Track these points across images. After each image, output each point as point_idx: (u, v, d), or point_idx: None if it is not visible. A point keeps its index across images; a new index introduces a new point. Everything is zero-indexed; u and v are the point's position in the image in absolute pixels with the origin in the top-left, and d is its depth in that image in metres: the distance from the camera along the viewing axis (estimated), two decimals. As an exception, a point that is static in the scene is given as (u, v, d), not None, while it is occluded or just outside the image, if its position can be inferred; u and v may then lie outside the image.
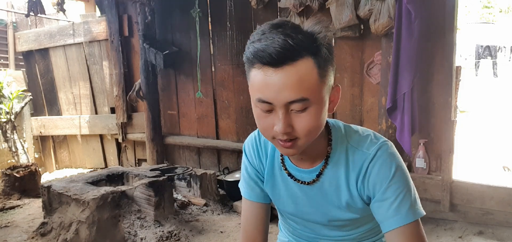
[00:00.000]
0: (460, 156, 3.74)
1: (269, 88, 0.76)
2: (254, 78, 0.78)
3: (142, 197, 2.76)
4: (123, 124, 4.34)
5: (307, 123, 0.78)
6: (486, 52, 12.05)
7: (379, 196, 0.86)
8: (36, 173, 3.77)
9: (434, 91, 2.73)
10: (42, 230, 2.62)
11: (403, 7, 2.48)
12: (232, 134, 3.79)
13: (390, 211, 0.84)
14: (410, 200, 0.85)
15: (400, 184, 0.85)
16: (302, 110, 0.77)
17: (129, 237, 2.57)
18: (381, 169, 0.85)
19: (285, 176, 0.98)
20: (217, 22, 3.65)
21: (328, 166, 0.92)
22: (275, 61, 0.74)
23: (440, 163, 2.78)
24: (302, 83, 0.75)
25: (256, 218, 1.05)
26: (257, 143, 1.04)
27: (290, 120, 0.78)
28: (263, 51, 0.74)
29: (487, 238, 2.53)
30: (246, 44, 0.80)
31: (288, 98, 0.75)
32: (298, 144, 0.81)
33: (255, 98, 0.80)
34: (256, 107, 0.81)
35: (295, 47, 0.73)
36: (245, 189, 1.07)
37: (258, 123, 0.84)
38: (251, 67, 0.78)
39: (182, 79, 3.99)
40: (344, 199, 0.92)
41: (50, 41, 4.59)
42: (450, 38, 2.60)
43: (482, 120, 6.69)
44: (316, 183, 0.94)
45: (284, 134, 0.79)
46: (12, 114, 4.19)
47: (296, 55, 0.74)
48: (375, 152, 0.87)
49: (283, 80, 0.74)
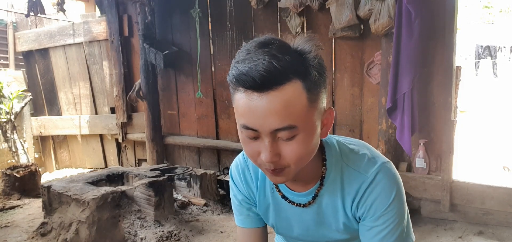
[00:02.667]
0: (460, 156, 3.74)
1: (254, 114, 0.69)
2: (238, 102, 0.72)
3: (142, 197, 2.76)
4: (123, 124, 4.34)
5: (295, 152, 0.72)
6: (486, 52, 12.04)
7: (370, 221, 0.83)
8: (36, 173, 3.77)
9: (434, 91, 2.73)
10: (42, 230, 2.62)
11: (403, 7, 2.48)
12: (232, 134, 3.79)
13: (377, 238, 0.82)
14: (398, 232, 0.82)
15: (393, 214, 0.81)
16: (290, 138, 0.71)
17: (129, 237, 2.57)
18: (379, 196, 0.81)
19: (279, 198, 0.92)
20: (217, 22, 3.65)
21: (324, 187, 0.86)
22: (259, 86, 0.67)
23: (440, 163, 2.78)
24: (289, 109, 0.68)
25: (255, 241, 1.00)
26: (243, 168, 0.96)
27: (277, 148, 0.72)
28: (246, 74, 0.67)
29: (487, 238, 2.53)
30: (231, 64, 0.74)
31: (273, 125, 0.69)
32: (287, 172, 0.76)
33: (239, 123, 0.74)
34: (242, 133, 0.75)
35: (281, 70, 0.66)
36: (238, 219, 1.01)
37: (244, 148, 0.78)
38: (235, 90, 0.72)
39: (182, 79, 3.99)
40: (341, 220, 0.88)
41: (50, 41, 4.59)
42: (450, 38, 2.60)
43: (482, 120, 6.69)
44: (312, 205, 0.89)
45: (271, 163, 0.73)
46: (12, 114, 4.19)
47: (282, 79, 0.67)
48: (373, 175, 0.81)
49: (268, 106, 0.67)
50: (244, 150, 0.79)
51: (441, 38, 2.64)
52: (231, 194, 1.02)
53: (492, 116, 7.03)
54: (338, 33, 2.94)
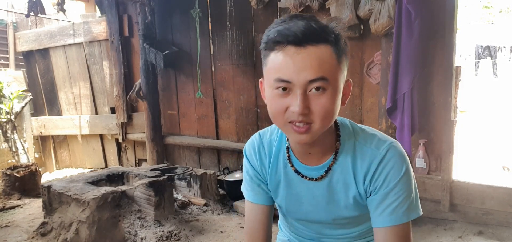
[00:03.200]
0: (460, 156, 3.74)
1: (290, 67, 0.76)
2: (274, 60, 0.79)
3: (142, 197, 2.76)
4: (123, 124, 4.34)
5: (324, 105, 0.78)
6: (486, 52, 12.04)
7: (381, 195, 0.87)
8: (36, 173, 3.77)
9: (434, 91, 2.73)
10: (42, 230, 2.63)
11: (403, 7, 2.48)
12: (232, 134, 3.80)
13: (387, 210, 0.86)
14: (408, 203, 0.86)
15: (403, 187, 0.86)
16: (320, 91, 0.78)
17: (129, 237, 2.57)
18: (391, 171, 0.86)
19: (291, 174, 0.97)
20: (217, 22, 3.66)
21: (337, 161, 0.92)
22: (299, 40, 0.75)
23: (440, 163, 2.78)
24: (322, 64, 0.77)
25: (260, 220, 1.04)
26: (258, 145, 1.02)
27: (307, 101, 0.78)
28: (288, 30, 0.76)
29: (487, 238, 2.53)
30: (265, 33, 0.81)
31: (308, 76, 0.76)
32: (313, 129, 0.80)
33: (272, 79, 0.80)
34: (272, 90, 0.81)
35: (318, 31, 0.77)
36: (247, 192, 1.06)
37: (272, 107, 0.82)
38: (271, 50, 0.79)
39: (182, 79, 3.99)
40: (351, 195, 0.92)
41: (50, 41, 4.60)
42: (450, 38, 2.61)
43: (482, 120, 6.69)
44: (324, 179, 0.93)
45: (301, 114, 0.78)
46: (12, 114, 4.19)
47: (318, 39, 0.77)
48: (385, 152, 0.87)
49: (305, 60, 0.76)
50: (270, 110, 0.84)
51: (441, 38, 2.64)
52: (244, 170, 1.07)
53: (492, 116, 7.03)
54: (338, 33, 2.93)
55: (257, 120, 3.62)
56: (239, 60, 3.59)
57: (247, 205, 1.07)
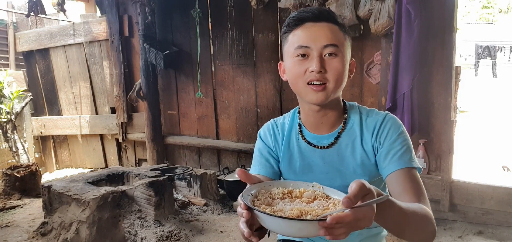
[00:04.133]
0: (460, 156, 3.75)
1: (309, 36, 0.96)
2: (294, 36, 0.98)
3: (142, 197, 2.76)
4: (123, 124, 4.34)
5: (336, 67, 0.96)
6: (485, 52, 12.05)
7: (387, 146, 1.00)
8: (36, 173, 3.77)
9: (434, 91, 2.73)
10: (42, 230, 2.63)
11: (403, 7, 2.48)
12: (232, 134, 3.80)
13: (396, 156, 0.98)
14: (411, 153, 1.00)
15: (405, 138, 1.01)
16: (333, 56, 0.96)
17: (129, 237, 2.57)
18: (392, 127, 1.02)
19: (303, 146, 1.09)
20: (217, 22, 3.66)
21: (345, 129, 1.06)
22: (316, 16, 0.97)
23: (440, 163, 2.78)
24: (334, 35, 0.97)
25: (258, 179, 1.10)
26: (273, 127, 1.15)
27: (323, 63, 0.96)
28: (306, 11, 0.98)
29: (486, 238, 2.53)
30: (285, 22, 1.02)
31: (324, 42, 0.95)
32: (328, 88, 0.96)
33: (293, 48, 0.98)
34: (293, 58, 0.98)
35: (330, 13, 0.99)
36: (257, 167, 1.13)
37: (293, 71, 0.99)
38: (290, 31, 0.99)
39: (182, 79, 4.00)
40: (359, 157, 1.04)
41: (50, 41, 4.60)
42: (450, 38, 2.61)
43: (482, 120, 6.70)
44: (334, 146, 1.06)
45: (318, 72, 0.94)
46: (12, 114, 4.19)
47: (329, 18, 0.98)
48: (384, 116, 1.05)
49: (320, 30, 0.96)
50: (291, 76, 1.01)
51: (441, 38, 2.65)
52: (255, 151, 1.17)
53: (491, 116, 7.03)
54: (338, 33, 2.94)
55: (257, 120, 3.62)
56: (239, 60, 3.59)
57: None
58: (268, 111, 3.51)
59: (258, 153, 1.15)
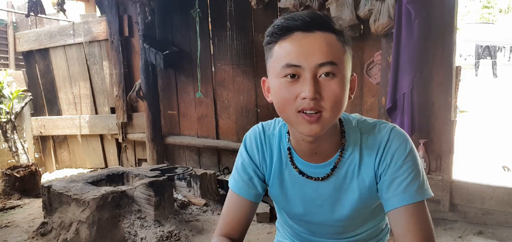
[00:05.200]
0: (460, 156, 3.74)
1: (299, 51, 0.76)
2: (280, 50, 0.78)
3: (142, 197, 2.76)
4: (123, 124, 4.34)
5: (334, 91, 0.77)
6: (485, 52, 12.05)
7: (390, 174, 0.85)
8: (36, 173, 3.77)
9: (434, 91, 2.73)
10: (42, 230, 2.63)
11: (403, 7, 2.48)
12: (232, 134, 3.80)
13: (400, 188, 0.84)
14: (419, 181, 0.84)
15: (411, 164, 0.85)
16: (330, 76, 0.77)
17: (129, 237, 2.57)
18: (397, 149, 0.86)
19: (295, 174, 0.93)
20: (217, 22, 3.66)
21: (343, 158, 0.90)
22: (307, 24, 0.76)
23: (440, 163, 2.78)
24: (331, 49, 0.77)
25: (241, 213, 0.97)
26: (261, 137, 0.97)
27: (318, 87, 0.76)
28: (293, 18, 0.77)
29: (487, 238, 2.53)
30: (269, 28, 0.81)
31: (318, 60, 0.76)
32: (324, 118, 0.78)
33: (280, 67, 0.78)
34: (279, 79, 0.79)
35: (325, 18, 0.79)
36: (236, 183, 0.98)
37: (280, 96, 0.80)
38: (276, 41, 0.79)
39: (182, 79, 3.99)
40: (358, 189, 0.90)
41: (50, 41, 4.60)
42: (450, 38, 2.61)
43: (482, 120, 6.69)
44: (330, 178, 0.91)
45: (312, 99, 0.76)
46: (12, 114, 4.19)
47: (325, 26, 0.78)
48: (388, 134, 0.88)
49: (314, 44, 0.76)
50: (278, 100, 0.81)
51: (441, 38, 2.64)
52: (238, 159, 1.01)
53: (492, 116, 7.03)
54: (338, 33, 2.93)
55: (257, 120, 3.62)
56: (239, 60, 3.59)
57: (230, 194, 0.99)
58: (268, 111, 3.51)
59: (241, 166, 0.98)
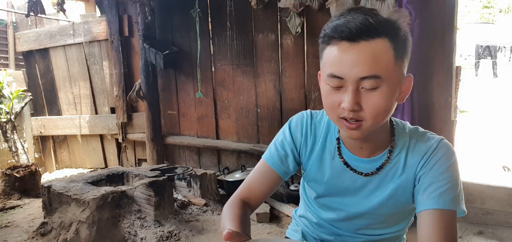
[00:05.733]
0: (460, 156, 3.74)
1: (342, 62, 0.76)
2: (328, 55, 0.79)
3: (142, 197, 2.76)
4: (123, 124, 4.34)
5: (375, 104, 0.77)
6: (486, 52, 12.05)
7: (430, 178, 0.85)
8: (36, 173, 3.77)
9: (434, 91, 2.73)
10: (42, 230, 2.63)
11: (403, 7, 2.48)
12: (232, 134, 3.80)
13: (437, 192, 0.84)
14: (456, 192, 0.85)
15: (452, 174, 0.86)
16: (372, 88, 0.76)
17: (129, 237, 2.57)
18: (442, 157, 0.86)
19: (339, 165, 0.94)
20: (217, 22, 3.66)
21: (390, 160, 0.90)
22: (352, 35, 0.75)
23: (440, 163, 2.78)
24: (377, 61, 0.75)
25: (266, 184, 1.01)
26: (307, 123, 1.00)
27: (359, 98, 0.77)
28: (343, 25, 0.76)
29: (487, 238, 2.53)
30: (324, 27, 0.82)
31: (360, 73, 0.75)
32: (364, 126, 0.80)
33: (326, 74, 0.80)
34: (326, 84, 0.82)
35: (375, 25, 0.75)
36: (271, 156, 1.01)
37: (325, 101, 0.84)
38: (327, 44, 0.80)
39: (182, 79, 3.99)
40: (397, 194, 0.91)
41: (50, 41, 4.59)
42: (450, 38, 2.61)
43: (482, 120, 6.69)
44: (373, 176, 0.92)
45: (351, 111, 0.77)
46: (12, 114, 4.19)
47: (373, 33, 0.75)
48: (437, 143, 0.88)
49: (357, 55, 0.75)
50: (324, 103, 0.84)
51: (441, 38, 2.64)
52: (278, 137, 1.03)
53: (492, 116, 7.03)
54: (338, 33, 2.93)
55: (257, 120, 3.62)
56: (239, 60, 3.59)
57: (261, 163, 1.03)
58: (268, 111, 3.51)
59: (280, 142, 1.01)
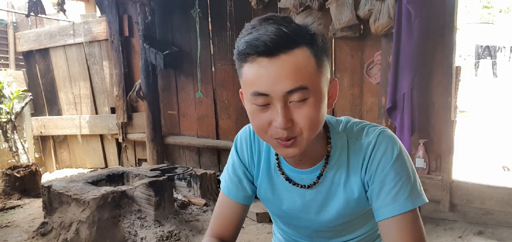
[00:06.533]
0: (460, 156, 3.74)
1: (265, 79, 0.71)
2: (247, 73, 0.73)
3: (142, 197, 2.76)
4: (123, 124, 4.34)
5: (308, 116, 0.73)
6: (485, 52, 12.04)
7: (378, 182, 0.82)
8: (36, 173, 3.77)
9: (434, 91, 2.73)
10: (42, 230, 2.63)
11: (403, 7, 2.48)
12: (232, 134, 3.80)
13: (389, 198, 0.80)
14: (409, 188, 0.80)
15: (400, 170, 0.81)
16: (301, 100, 0.72)
17: (129, 237, 2.57)
18: (384, 154, 0.82)
19: (282, 179, 0.92)
20: (217, 22, 3.66)
21: (329, 165, 0.87)
22: (270, 49, 0.69)
23: (440, 163, 2.78)
24: (300, 72, 0.71)
25: (232, 215, 0.97)
26: (250, 138, 0.96)
27: (289, 114, 0.73)
28: (256, 40, 0.70)
29: (487, 238, 2.53)
30: (236, 42, 0.75)
31: (286, 87, 0.70)
32: (300, 141, 0.76)
33: (249, 93, 0.74)
34: (251, 104, 0.76)
35: (290, 35, 0.70)
36: (227, 185, 0.98)
37: (253, 123, 0.78)
38: (244, 62, 0.74)
39: (182, 79, 4.00)
40: (345, 196, 0.88)
41: (50, 41, 4.60)
42: (450, 38, 2.61)
43: (482, 120, 6.69)
44: (316, 186, 0.89)
45: (285, 129, 0.73)
46: (12, 114, 4.19)
47: (291, 44, 0.70)
48: (375, 139, 0.83)
49: (279, 70, 0.70)
50: (252, 125, 0.79)
51: (441, 38, 2.64)
52: (229, 160, 1.00)
53: (492, 116, 7.03)
54: (338, 33, 2.94)
55: (257, 120, 3.63)
56: (239, 60, 3.59)
57: (221, 196, 0.99)
58: (268, 111, 3.51)
59: (231, 168, 0.99)
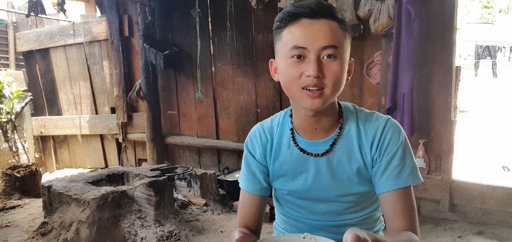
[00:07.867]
0: (460, 156, 3.74)
1: (306, 35, 0.88)
2: (288, 34, 0.90)
3: (143, 197, 2.76)
4: (123, 124, 4.34)
5: (335, 71, 0.88)
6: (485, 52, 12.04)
7: (385, 161, 0.96)
8: (36, 173, 3.77)
9: (434, 91, 2.73)
10: (42, 230, 2.63)
11: (403, 7, 2.49)
12: (232, 134, 3.80)
13: (393, 174, 0.95)
14: (410, 167, 0.96)
15: (405, 152, 0.96)
16: (332, 58, 0.88)
17: (129, 237, 2.57)
18: (392, 137, 0.96)
19: (295, 153, 1.02)
20: (217, 22, 3.66)
21: (342, 135, 0.99)
22: (314, 12, 0.88)
23: (440, 163, 2.78)
24: (333, 34, 0.88)
25: (254, 207, 1.07)
26: (259, 132, 1.08)
27: (321, 65, 0.88)
28: (303, 6, 0.88)
29: (486, 238, 2.53)
30: (278, 16, 0.93)
31: (322, 43, 0.87)
32: (325, 94, 0.89)
33: (288, 48, 0.89)
34: (287, 59, 0.90)
35: (329, 8, 0.90)
36: (243, 181, 1.09)
37: (287, 74, 0.91)
38: (285, 26, 0.90)
39: (182, 79, 4.00)
40: (355, 167, 0.99)
41: (50, 41, 4.60)
42: (450, 38, 2.61)
43: (482, 120, 6.69)
44: (329, 153, 0.99)
45: (315, 77, 0.87)
46: (12, 114, 4.19)
47: (328, 14, 0.89)
48: (385, 123, 0.98)
49: (319, 29, 0.88)
50: (285, 79, 0.93)
51: (441, 38, 2.65)
52: (243, 162, 1.11)
53: (491, 116, 7.03)
54: (338, 33, 2.94)
55: (257, 120, 3.62)
56: (239, 60, 3.59)
57: (242, 194, 1.10)
58: (268, 111, 3.51)
59: (245, 165, 1.10)
